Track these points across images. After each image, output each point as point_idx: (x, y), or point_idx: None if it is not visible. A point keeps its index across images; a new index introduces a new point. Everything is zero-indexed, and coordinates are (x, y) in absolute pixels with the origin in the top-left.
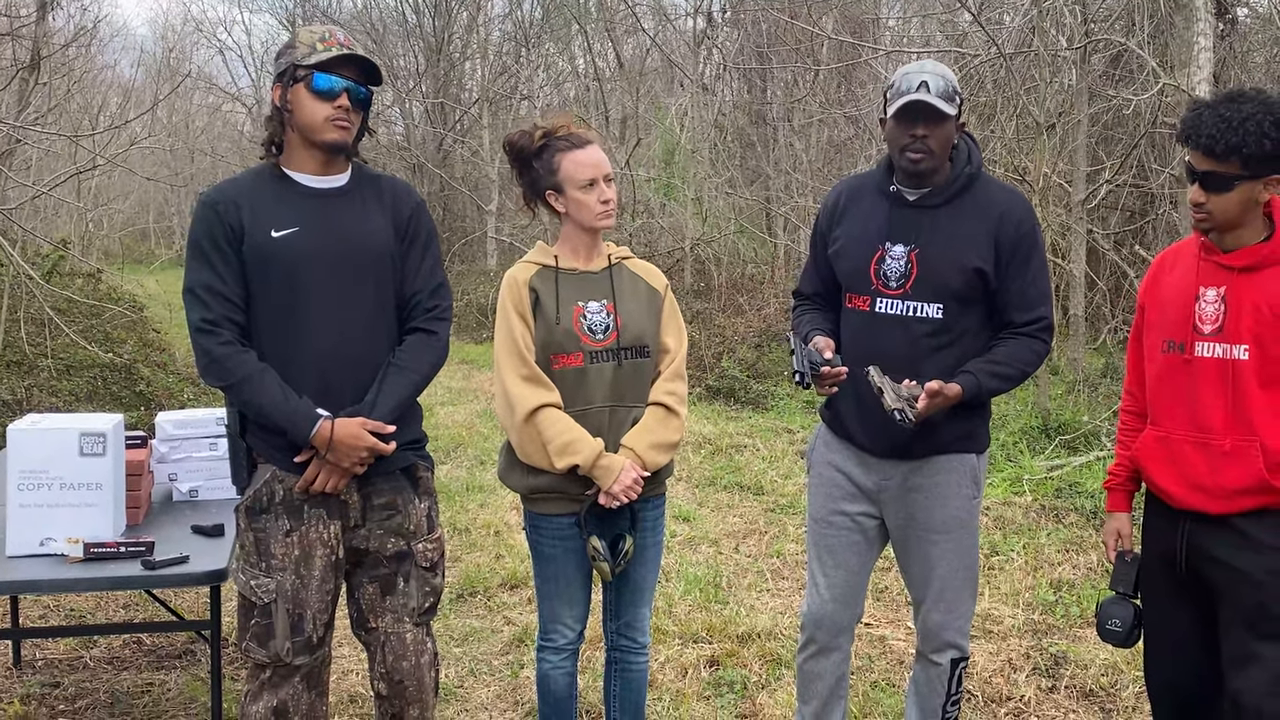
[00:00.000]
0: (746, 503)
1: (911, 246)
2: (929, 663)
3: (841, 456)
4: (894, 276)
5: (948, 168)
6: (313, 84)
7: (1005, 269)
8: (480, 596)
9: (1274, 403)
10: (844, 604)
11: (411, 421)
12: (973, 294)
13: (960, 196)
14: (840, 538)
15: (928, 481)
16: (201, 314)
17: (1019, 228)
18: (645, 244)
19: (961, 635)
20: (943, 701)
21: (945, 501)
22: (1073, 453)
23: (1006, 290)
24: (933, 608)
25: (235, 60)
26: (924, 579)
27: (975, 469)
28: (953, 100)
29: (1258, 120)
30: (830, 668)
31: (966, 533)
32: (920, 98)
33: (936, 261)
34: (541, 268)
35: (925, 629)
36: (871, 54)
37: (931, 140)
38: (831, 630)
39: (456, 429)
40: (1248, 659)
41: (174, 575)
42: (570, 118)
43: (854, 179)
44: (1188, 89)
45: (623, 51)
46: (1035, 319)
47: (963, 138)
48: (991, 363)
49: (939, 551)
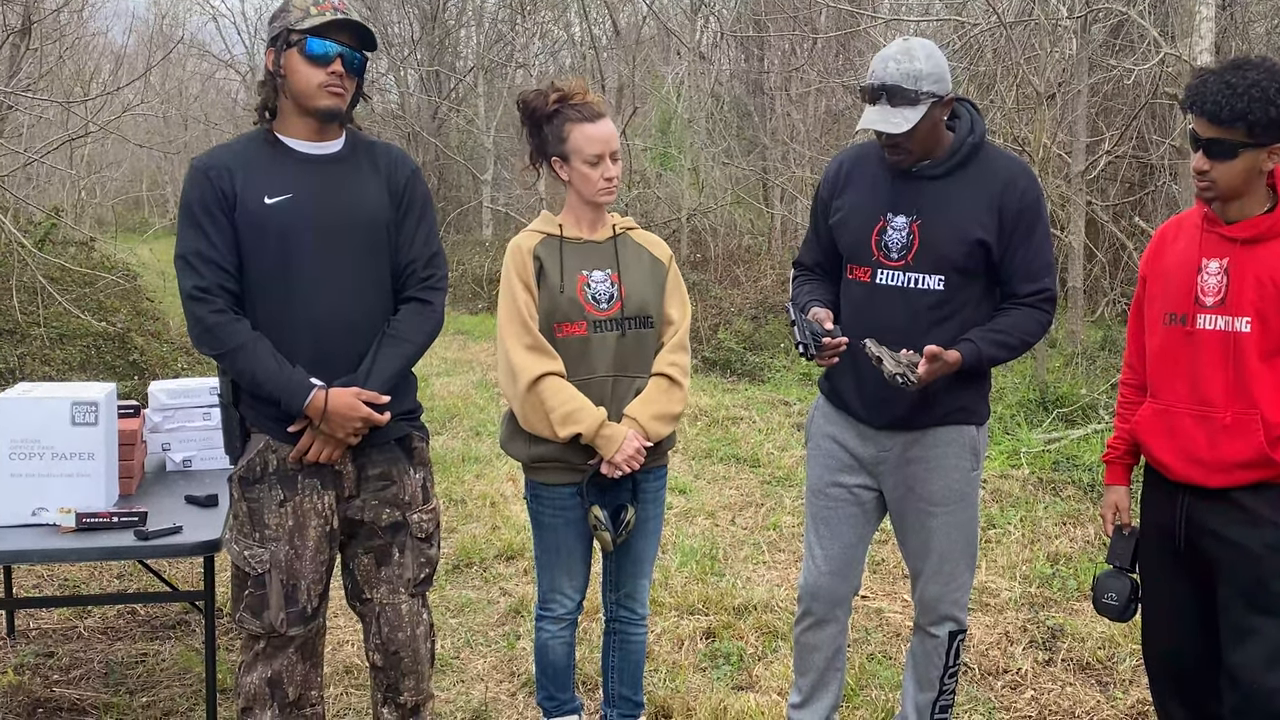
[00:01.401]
0: (743, 475)
1: (913, 217)
2: (926, 635)
3: (840, 428)
4: (895, 248)
5: (948, 137)
6: (306, 49)
7: (1009, 239)
8: (476, 568)
9: (1275, 376)
10: (841, 576)
11: (406, 392)
12: (974, 266)
13: (963, 167)
14: (838, 509)
15: (927, 453)
16: (194, 281)
17: (1023, 197)
18: (642, 214)
19: (959, 608)
20: (940, 674)
21: (944, 473)
22: (1070, 425)
23: (1010, 260)
24: (930, 580)
25: (229, 27)
26: (922, 551)
27: (975, 441)
28: (917, 102)
29: (1263, 87)
30: (827, 640)
31: (965, 505)
32: (873, 124)
33: (938, 233)
34: (546, 236)
35: (923, 601)
36: (870, 23)
37: (904, 143)
38: (828, 602)
39: (452, 399)
40: (1245, 633)
41: (167, 546)
42: (584, 85)
43: (856, 148)
44: (1189, 59)
45: (619, 19)
46: (1039, 290)
47: (964, 107)
48: (993, 331)
49: (937, 523)
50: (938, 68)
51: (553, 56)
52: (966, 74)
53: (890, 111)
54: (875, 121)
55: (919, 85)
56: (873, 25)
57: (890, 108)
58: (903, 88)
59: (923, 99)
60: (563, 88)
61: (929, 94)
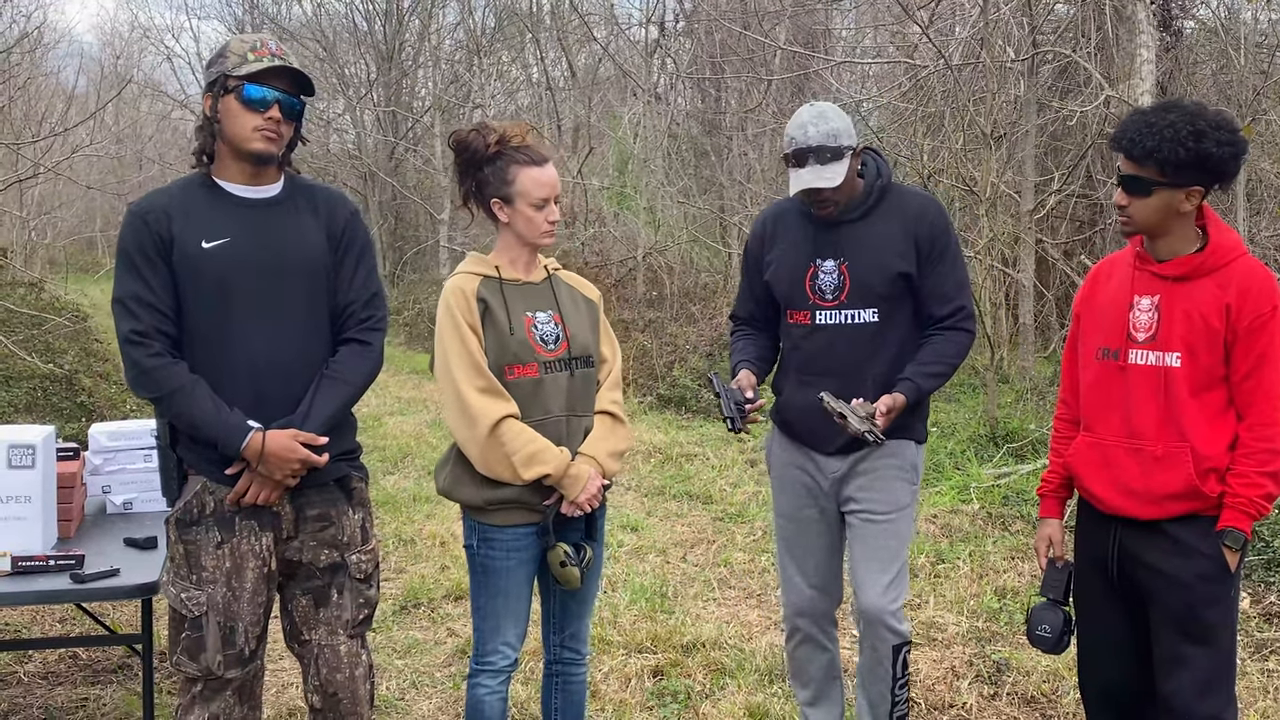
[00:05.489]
0: (695, 511)
1: (840, 260)
2: (871, 650)
3: (797, 456)
4: (829, 289)
5: (859, 184)
6: (244, 95)
7: (925, 265)
8: (424, 608)
9: (1205, 410)
10: (824, 590)
11: (345, 432)
12: (900, 294)
13: (877, 207)
14: (810, 532)
15: (869, 466)
16: (131, 325)
17: (933, 226)
18: (598, 253)
19: (898, 619)
20: (890, 686)
21: (885, 485)
22: (1020, 460)
23: (926, 285)
24: (870, 589)
25: (184, 67)
26: (863, 559)
27: (915, 458)
28: (840, 156)
29: (1177, 128)
30: (817, 653)
31: (904, 517)
32: (810, 184)
33: (864, 271)
34: (484, 278)
35: (865, 616)
36: (823, 64)
37: (833, 196)
38: (815, 616)
39: (405, 439)
40: (1178, 662)
41: (103, 589)
42: (526, 128)
43: (776, 206)
44: (1131, 100)
45: (575, 60)
46: (955, 310)
47: (869, 155)
48: (923, 365)
49: (877, 530)
50: (848, 124)
51: (510, 97)
52: (916, 115)
53: (821, 170)
54: (810, 181)
55: (839, 141)
56: (825, 67)
57: (820, 166)
58: (826, 146)
59: (844, 153)
60: (500, 129)
61: (847, 147)
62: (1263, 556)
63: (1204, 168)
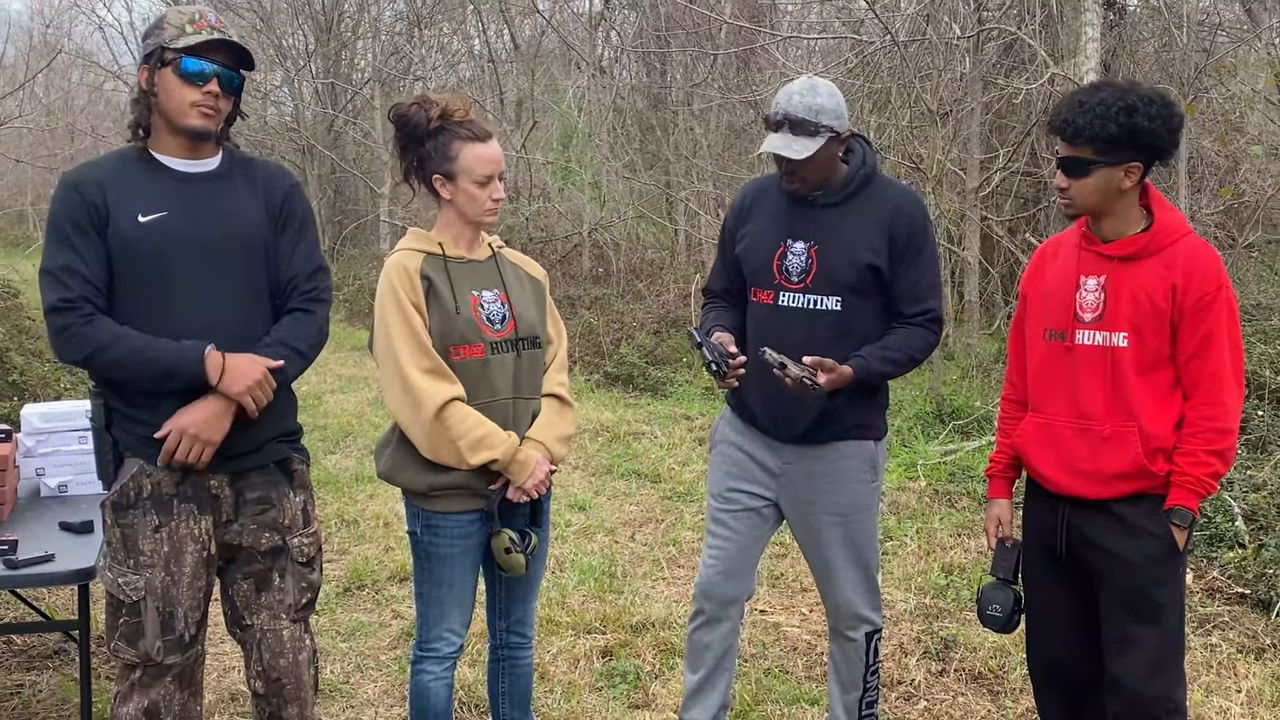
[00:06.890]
0: (644, 490)
1: (810, 243)
2: (844, 639)
3: (745, 438)
4: (795, 271)
5: (843, 169)
6: (181, 68)
7: (898, 262)
8: (368, 590)
9: (1152, 389)
10: (733, 577)
11: (286, 413)
12: (868, 288)
13: (856, 195)
14: (735, 513)
15: (829, 467)
16: (60, 294)
17: (911, 223)
18: (542, 229)
19: (872, 609)
20: (863, 673)
21: (846, 486)
22: (966, 438)
23: (898, 283)
24: (839, 587)
25: (116, 37)
26: (828, 561)
27: (874, 455)
28: (816, 133)
29: (1107, 104)
30: (718, 639)
31: (867, 515)
32: (775, 149)
33: (833, 257)
34: (428, 255)
35: (835, 608)
36: (769, 39)
37: (800, 170)
38: (719, 601)
39: (346, 417)
40: (1126, 642)
41: (38, 575)
42: (467, 102)
43: (759, 180)
44: (1076, 78)
45: (518, 33)
46: (923, 311)
47: (857, 142)
48: (882, 348)
49: (840, 533)
50: (838, 106)
51: (452, 69)
52: (863, 91)
53: (791, 139)
54: (777, 146)
55: (819, 118)
56: (771, 42)
57: (792, 136)
58: (804, 119)
59: (821, 131)
60: (442, 103)
61: (827, 128)
62: (1205, 532)
63: (1137, 143)
